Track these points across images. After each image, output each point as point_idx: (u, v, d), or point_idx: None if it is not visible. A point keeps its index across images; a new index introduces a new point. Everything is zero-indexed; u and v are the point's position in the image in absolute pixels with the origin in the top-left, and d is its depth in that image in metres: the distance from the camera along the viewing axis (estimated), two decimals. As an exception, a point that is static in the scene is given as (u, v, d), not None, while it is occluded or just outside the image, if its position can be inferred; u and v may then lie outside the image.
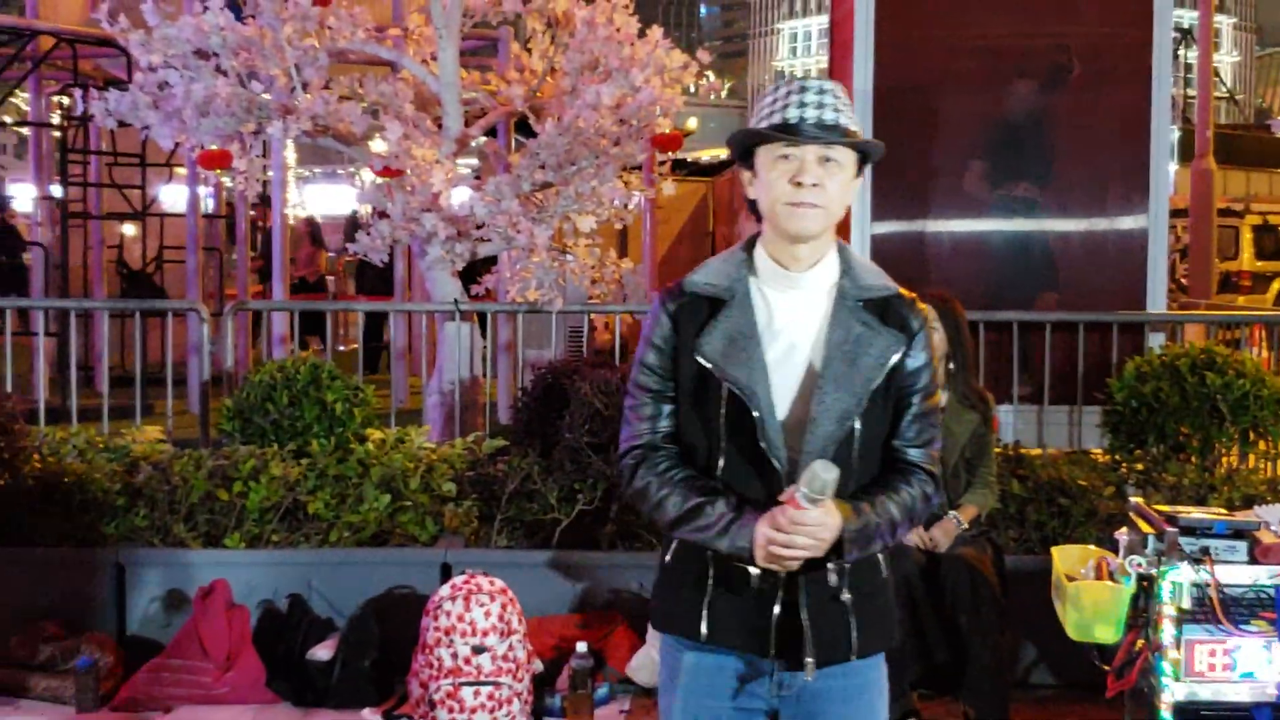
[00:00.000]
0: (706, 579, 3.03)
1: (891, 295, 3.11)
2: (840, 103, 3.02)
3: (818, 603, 2.99)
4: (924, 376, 3.11)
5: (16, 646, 6.15)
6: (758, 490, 2.99)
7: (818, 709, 3.07)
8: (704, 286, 3.08)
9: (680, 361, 3.06)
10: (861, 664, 3.08)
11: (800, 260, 3.06)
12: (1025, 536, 6.53)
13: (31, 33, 11.60)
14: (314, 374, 6.91)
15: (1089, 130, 8.51)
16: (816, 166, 2.99)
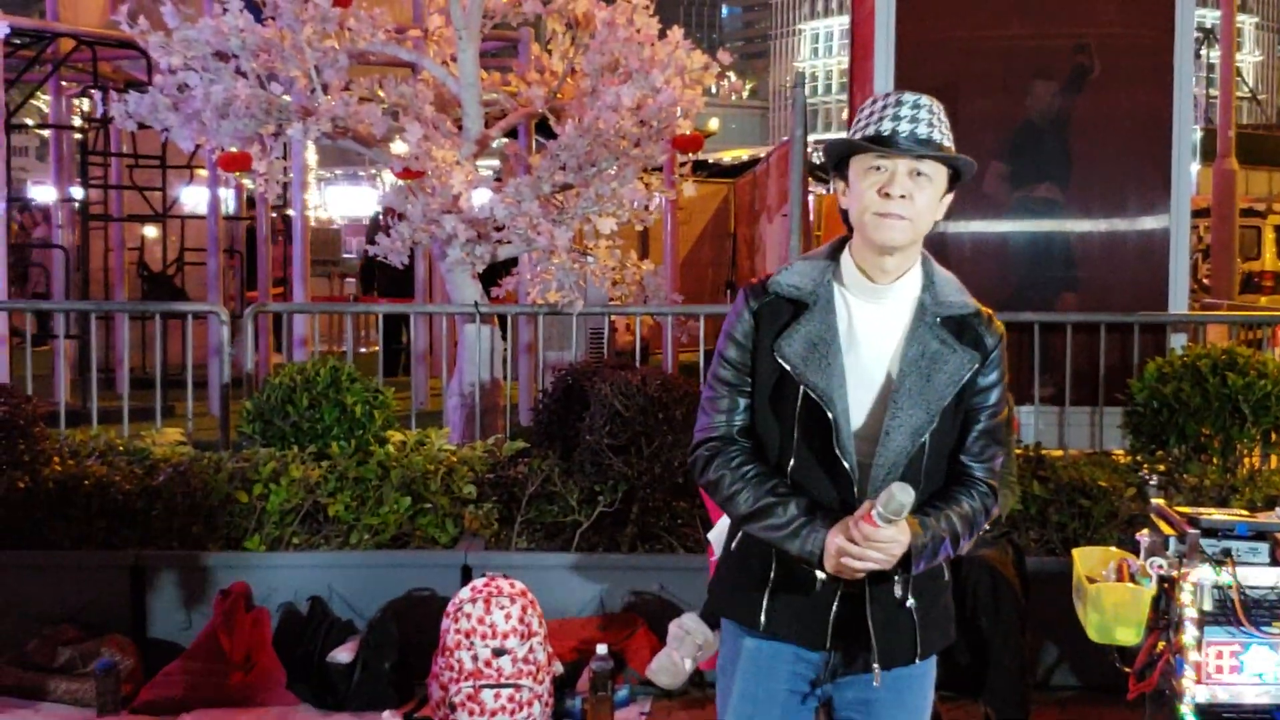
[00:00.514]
0: (769, 572, 3.11)
1: (970, 314, 3.17)
2: (935, 118, 3.07)
3: (884, 611, 3.08)
4: (994, 394, 3.19)
5: (36, 649, 6.16)
6: (828, 492, 3.06)
7: (868, 697, 3.16)
8: (788, 288, 3.12)
9: (759, 359, 3.11)
10: (924, 664, 3.22)
11: (887, 273, 3.11)
12: (1046, 538, 6.51)
13: (52, 35, 11.64)
14: (334, 376, 6.92)
15: (1110, 131, 8.48)
16: (906, 179, 3.04)
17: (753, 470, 3.11)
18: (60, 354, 8.78)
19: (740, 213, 18.08)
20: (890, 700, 3.17)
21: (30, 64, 11.89)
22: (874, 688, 3.10)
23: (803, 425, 3.06)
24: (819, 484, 3.07)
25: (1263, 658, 4.52)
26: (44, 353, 10.67)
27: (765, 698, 3.16)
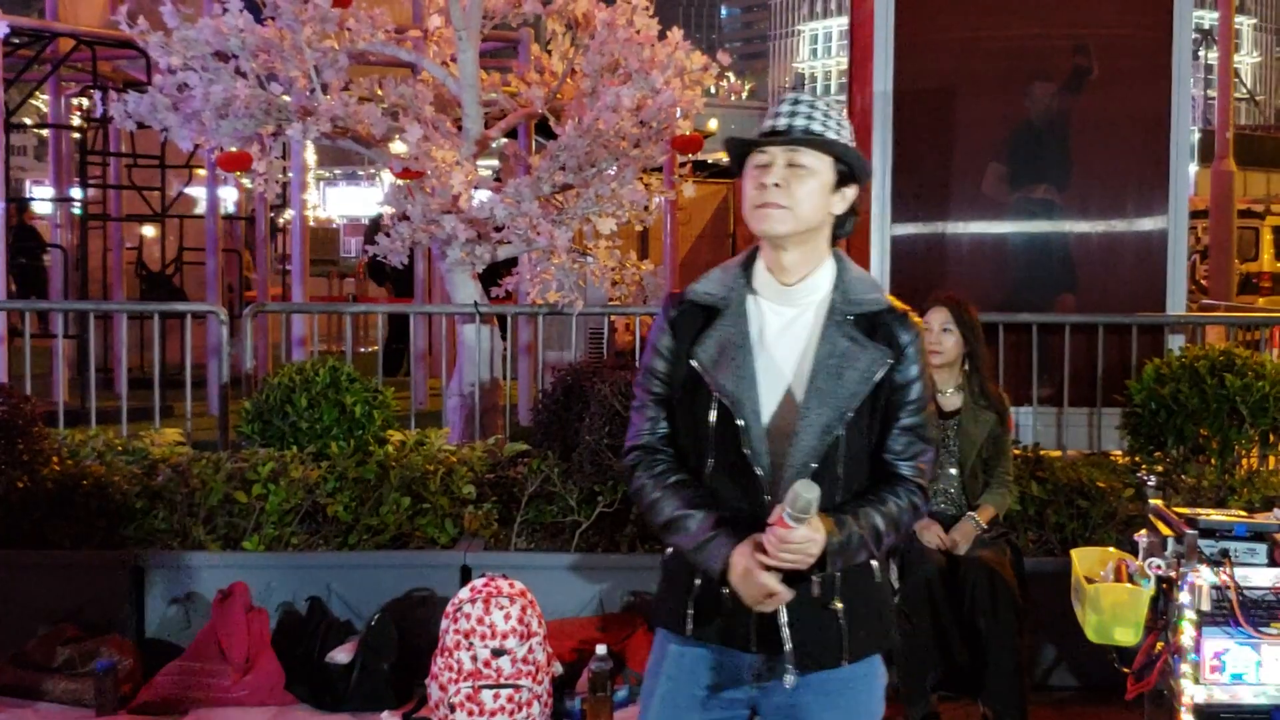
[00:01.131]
0: (695, 578, 3.13)
1: (883, 309, 3.14)
2: (818, 112, 3.10)
3: (802, 614, 3.05)
4: (914, 390, 3.13)
5: (35, 649, 6.16)
6: (740, 496, 3.08)
7: (795, 701, 3.12)
8: (702, 295, 3.18)
9: (678, 367, 3.16)
10: (859, 666, 3.16)
11: (788, 270, 3.14)
12: (1044, 538, 6.52)
13: (51, 35, 11.64)
14: (333, 376, 6.92)
15: (1108, 131, 8.49)
16: (782, 169, 3.07)
17: (672, 478, 3.15)
18: (59, 354, 8.77)
19: (739, 213, 18.07)
20: (818, 705, 3.13)
21: (29, 63, 11.89)
22: (801, 693, 3.09)
23: (717, 429, 3.09)
24: (733, 488, 3.09)
25: (1262, 658, 4.53)
26: (42, 352, 10.65)
27: (685, 703, 3.17)
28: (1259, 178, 34.47)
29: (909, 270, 8.44)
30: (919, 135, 8.54)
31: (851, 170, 3.13)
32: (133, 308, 10.69)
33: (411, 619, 6.32)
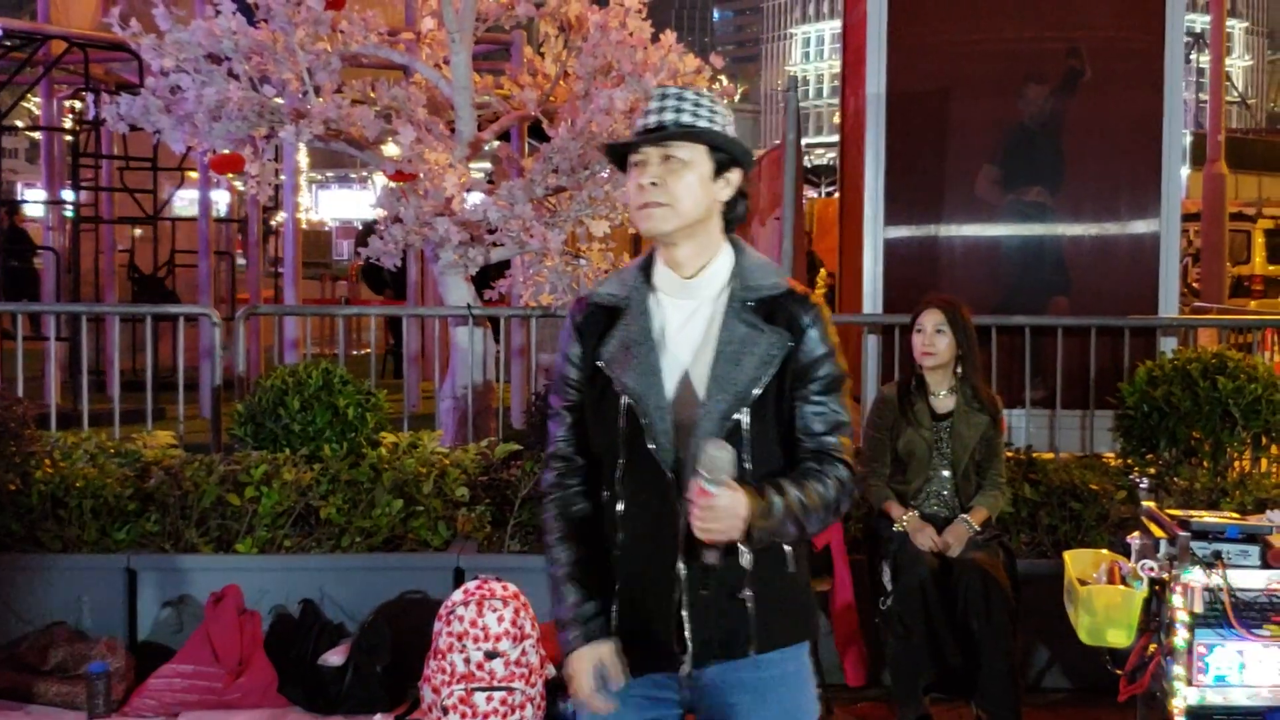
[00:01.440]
0: (613, 580, 3.12)
1: (781, 294, 3.11)
2: (688, 104, 3.07)
3: (707, 603, 3.03)
4: (823, 367, 3.09)
5: (27, 652, 6.15)
6: (650, 496, 3.06)
7: (728, 701, 3.11)
8: (605, 297, 3.18)
9: (586, 371, 3.16)
10: (774, 657, 3.12)
11: (683, 265, 3.12)
12: (1037, 540, 6.53)
13: (43, 37, 11.63)
14: (326, 379, 6.91)
15: (1101, 134, 8.51)
16: (657, 166, 3.05)
17: (571, 528, 3.17)
18: (51, 356, 8.76)
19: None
20: (749, 703, 3.10)
21: (21, 66, 11.89)
22: (731, 694, 3.09)
23: (626, 429, 3.07)
24: (643, 488, 3.06)
25: (1254, 660, 4.54)
26: (34, 354, 10.64)
27: (619, 705, 3.14)
28: (1250, 181, 34.53)
29: (902, 273, 8.46)
30: (912, 138, 8.56)
31: (732, 156, 3.11)
32: (125, 310, 10.68)
33: (404, 622, 6.31)
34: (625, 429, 3.06)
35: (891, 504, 5.86)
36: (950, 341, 5.88)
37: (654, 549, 3.05)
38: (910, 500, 5.88)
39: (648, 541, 3.06)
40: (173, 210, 14.39)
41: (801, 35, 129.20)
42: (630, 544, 3.08)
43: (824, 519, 3.03)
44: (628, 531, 3.08)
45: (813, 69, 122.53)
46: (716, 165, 3.09)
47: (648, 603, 3.07)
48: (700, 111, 3.07)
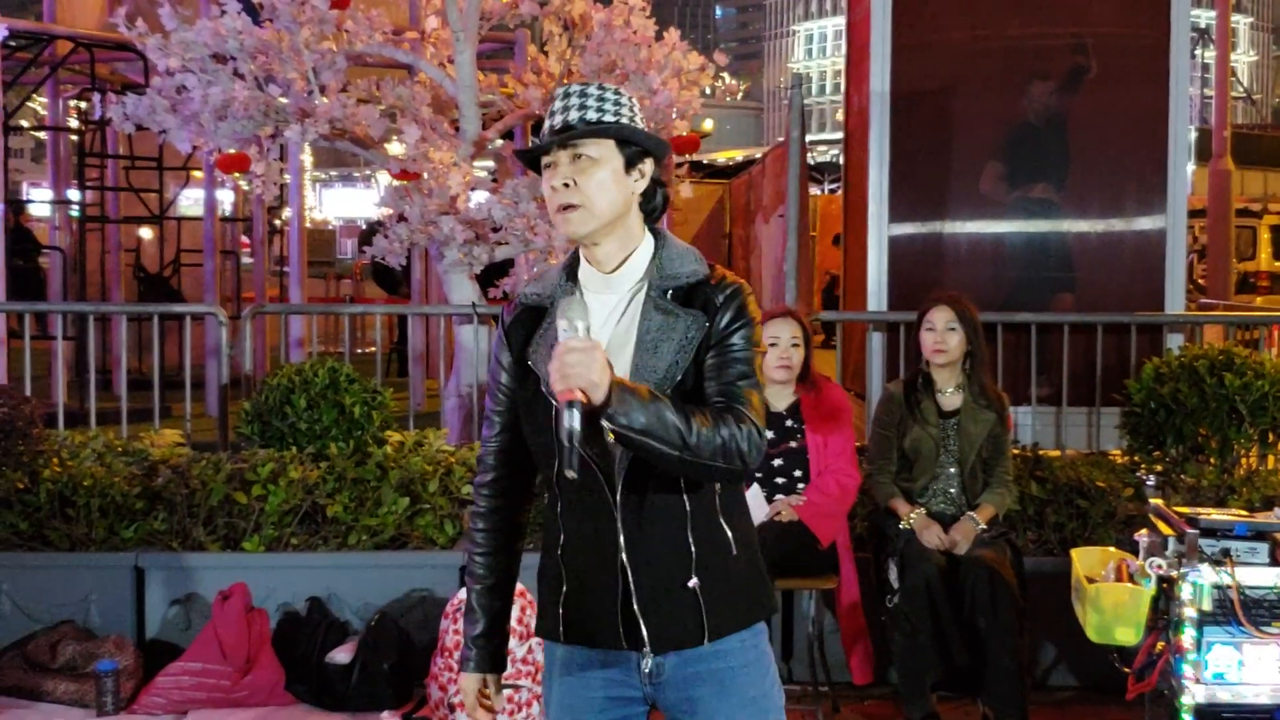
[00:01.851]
0: (563, 583, 3.11)
1: (700, 280, 3.07)
2: (592, 100, 3.05)
3: (655, 594, 3.03)
4: (736, 337, 3.03)
5: (37, 650, 6.17)
6: (592, 502, 3.04)
7: (690, 694, 3.09)
8: (530, 297, 3.17)
9: (516, 373, 3.15)
10: (731, 644, 3.09)
11: (604, 261, 3.10)
12: (1044, 538, 6.53)
13: (49, 37, 11.64)
14: (332, 377, 6.92)
15: (1106, 131, 8.50)
16: (567, 167, 3.03)
17: (492, 541, 3.23)
18: (58, 355, 8.77)
19: (735, 213, 18.09)
20: (711, 694, 3.08)
21: (27, 66, 11.89)
22: (691, 687, 3.07)
23: (557, 428, 2.95)
24: (580, 486, 3.02)
25: (1262, 658, 4.53)
26: (41, 354, 10.66)
27: (582, 707, 3.14)
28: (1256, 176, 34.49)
29: (907, 270, 8.45)
30: (917, 135, 8.55)
31: (643, 148, 3.08)
32: (132, 309, 10.69)
33: (411, 619, 6.34)
34: (556, 427, 2.94)
35: (898, 501, 5.86)
36: (961, 337, 5.88)
37: (595, 544, 3.04)
38: (916, 498, 5.88)
39: (589, 539, 3.05)
40: (178, 210, 14.39)
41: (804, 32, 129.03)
42: (573, 542, 3.08)
43: (712, 448, 2.87)
44: (569, 530, 3.09)
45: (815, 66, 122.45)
46: (627, 159, 3.07)
47: (595, 598, 3.06)
48: (605, 107, 3.05)
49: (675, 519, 3.02)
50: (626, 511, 3.01)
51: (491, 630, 3.23)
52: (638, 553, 3.02)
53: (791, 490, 5.87)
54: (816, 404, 5.95)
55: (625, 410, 2.81)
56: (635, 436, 2.83)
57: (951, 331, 5.88)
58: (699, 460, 2.87)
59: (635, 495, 3.01)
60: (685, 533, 3.02)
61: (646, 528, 3.02)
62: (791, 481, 5.89)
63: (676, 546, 3.02)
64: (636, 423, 2.82)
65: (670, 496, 3.02)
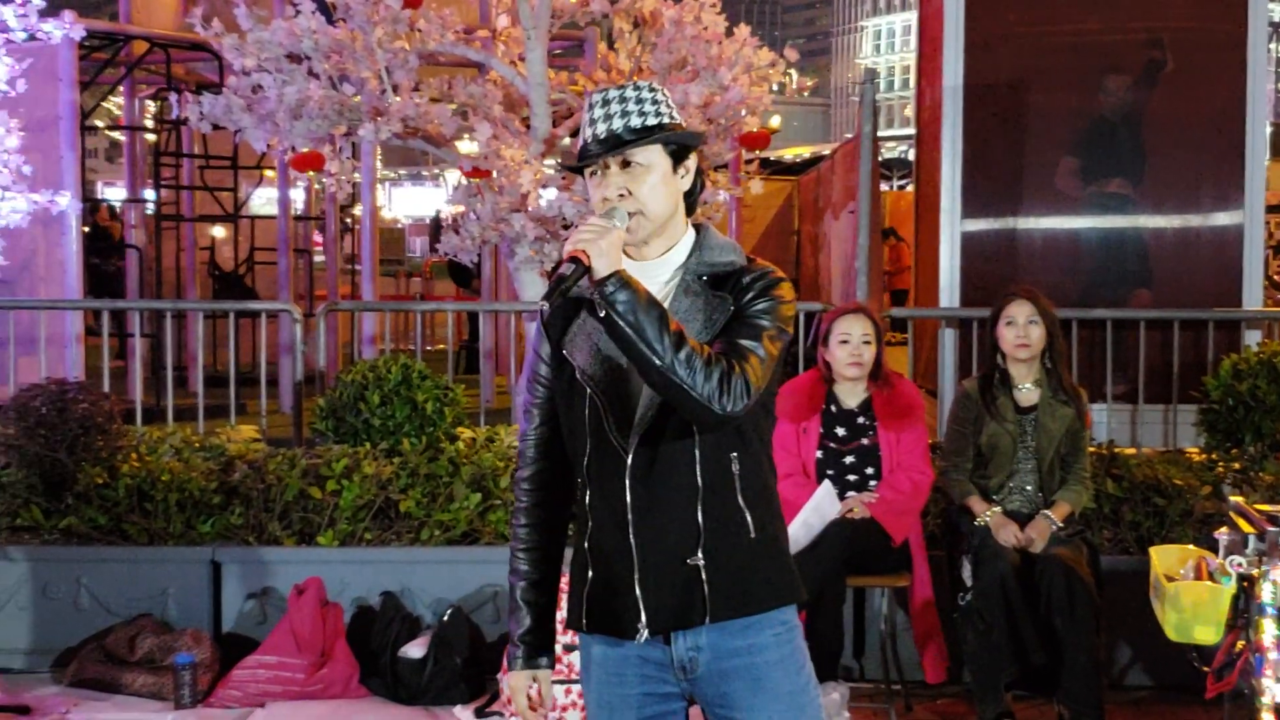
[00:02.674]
0: (587, 569, 3.12)
1: (736, 269, 3.09)
2: (631, 104, 3.05)
3: (658, 569, 3.02)
4: (755, 306, 3.03)
5: (115, 643, 6.25)
6: (615, 485, 3.05)
7: (724, 689, 3.08)
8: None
9: (555, 364, 3.16)
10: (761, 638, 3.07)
11: (645, 254, 3.12)
12: (1120, 536, 6.47)
13: (125, 38, 11.76)
14: (405, 374, 6.96)
15: (1183, 125, 8.42)
16: (619, 176, 3.04)
17: (533, 537, 3.23)
18: (136, 352, 8.87)
19: (804, 210, 18.04)
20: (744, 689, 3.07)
21: (104, 66, 12.03)
22: (729, 679, 3.06)
23: (591, 416, 3.07)
24: (607, 471, 3.05)
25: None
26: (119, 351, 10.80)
27: (619, 703, 3.14)
28: (1333, 172, 33.97)
29: (980, 266, 8.40)
30: (990, 130, 8.50)
31: (686, 145, 3.11)
32: (208, 306, 10.80)
33: (483, 614, 6.38)
34: (591, 416, 3.06)
35: (974, 499, 5.82)
36: (1042, 331, 5.84)
37: (615, 526, 3.05)
38: (993, 495, 5.84)
39: (611, 526, 3.06)
40: (251, 208, 14.52)
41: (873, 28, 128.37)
42: (599, 528, 3.09)
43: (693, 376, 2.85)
44: (596, 518, 3.09)
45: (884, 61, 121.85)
46: (674, 159, 3.09)
47: (615, 581, 3.07)
48: (646, 109, 3.06)
49: (686, 494, 3.01)
50: (636, 485, 3.02)
51: (538, 627, 3.23)
52: (644, 527, 3.02)
53: (864, 487, 5.86)
54: (889, 401, 5.93)
55: (622, 296, 2.84)
56: (622, 324, 2.84)
57: (1033, 325, 5.83)
58: (678, 381, 2.84)
59: (645, 468, 3.01)
60: (695, 509, 3.02)
61: (656, 502, 3.02)
62: (864, 479, 5.87)
63: (685, 523, 3.02)
64: (628, 311, 2.84)
65: (683, 472, 3.01)
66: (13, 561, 6.51)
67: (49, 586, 6.49)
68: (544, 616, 3.23)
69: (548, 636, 3.24)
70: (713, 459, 3.02)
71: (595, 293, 2.88)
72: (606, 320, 2.87)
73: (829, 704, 5.58)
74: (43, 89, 8.93)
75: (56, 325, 8.91)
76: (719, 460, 3.03)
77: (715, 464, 3.03)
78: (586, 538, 3.12)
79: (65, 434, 6.68)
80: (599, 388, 3.04)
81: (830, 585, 5.58)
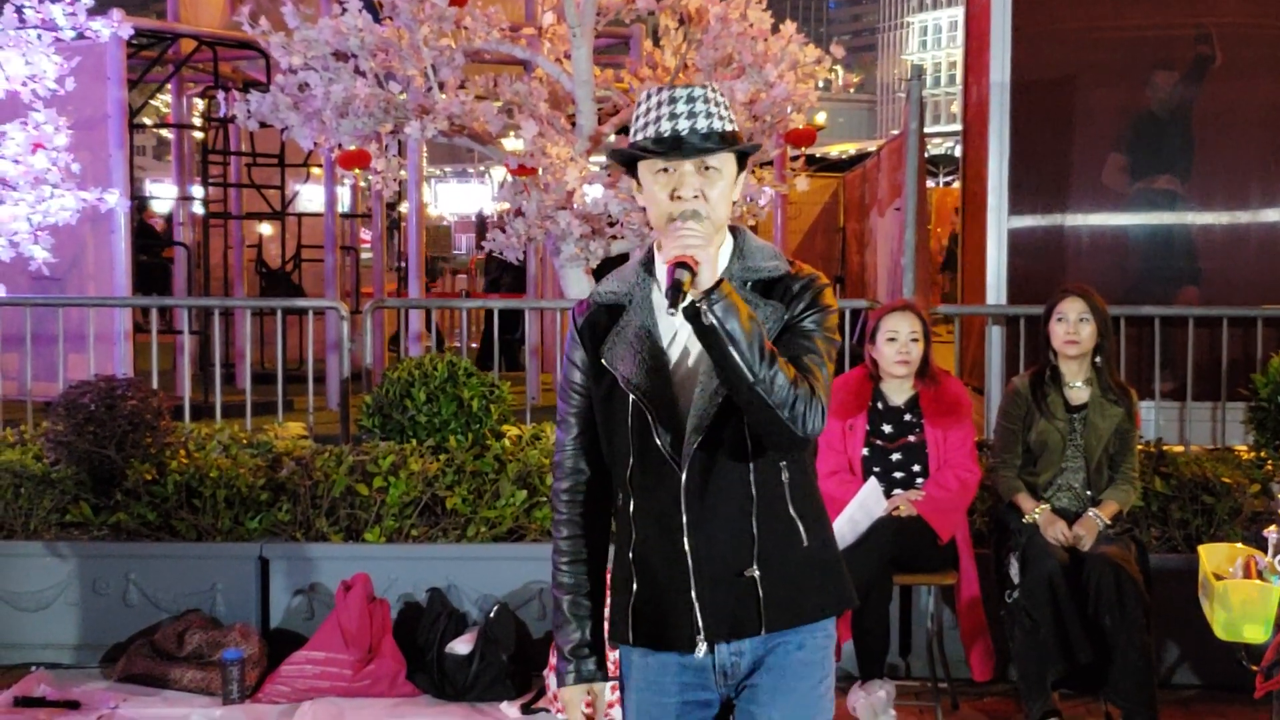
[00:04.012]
0: (632, 581, 3.09)
1: (781, 275, 3.06)
2: (712, 106, 3.00)
3: (714, 581, 2.99)
4: (809, 319, 3.01)
5: (163, 638, 6.29)
6: (659, 490, 3.01)
7: (749, 682, 3.08)
8: (606, 296, 3.13)
9: (592, 373, 3.10)
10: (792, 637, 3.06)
11: None
12: (1168, 535, 6.43)
13: (173, 36, 11.84)
14: (451, 371, 6.99)
15: (1232, 122, 8.37)
16: (695, 177, 2.98)
17: (576, 549, 3.17)
18: (184, 349, 8.94)
19: (850, 207, 18.01)
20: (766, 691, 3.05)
21: (152, 64, 12.10)
22: (756, 672, 3.05)
23: (635, 427, 3.02)
24: (654, 481, 3.02)
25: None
26: (167, 348, 10.86)
27: (659, 713, 3.10)
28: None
29: (1027, 263, 8.37)
30: (1037, 126, 8.46)
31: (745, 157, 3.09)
32: (256, 304, 10.86)
33: (529, 611, 6.39)
34: (634, 425, 3.02)
35: (1022, 496, 5.80)
36: (1093, 329, 5.80)
37: (663, 537, 3.02)
38: (1041, 493, 5.82)
39: (659, 536, 3.03)
40: (298, 206, 14.59)
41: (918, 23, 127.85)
42: (643, 540, 3.06)
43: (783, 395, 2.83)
44: (641, 529, 3.06)
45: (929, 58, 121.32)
46: (739, 167, 3.07)
47: (664, 593, 3.04)
48: (723, 113, 3.03)
49: (740, 505, 2.99)
50: (690, 497, 2.98)
51: (591, 639, 3.18)
52: (699, 538, 2.99)
53: (910, 485, 5.84)
54: (936, 398, 5.91)
55: (724, 305, 2.80)
56: (723, 336, 2.79)
57: (1084, 323, 5.80)
58: (767, 399, 2.82)
59: (700, 479, 2.98)
60: (749, 520, 2.99)
61: (709, 513, 2.99)
62: (910, 476, 5.86)
63: (739, 534, 2.99)
64: (730, 322, 2.79)
65: (736, 483, 2.99)
66: (62, 558, 6.57)
67: (98, 582, 6.55)
68: (594, 628, 3.19)
69: (599, 647, 3.20)
70: (765, 469, 3.01)
71: (702, 301, 2.80)
72: (709, 331, 2.81)
73: (875, 701, 5.57)
74: (91, 87, 8.99)
75: (105, 322, 8.99)
76: (771, 470, 3.01)
77: (767, 474, 3.01)
78: (630, 549, 3.08)
79: (114, 431, 6.74)
80: (646, 398, 3.00)
81: (877, 583, 5.57)
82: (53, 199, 7.80)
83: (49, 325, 8.37)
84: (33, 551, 6.58)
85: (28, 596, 6.55)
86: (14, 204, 7.85)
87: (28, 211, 7.84)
